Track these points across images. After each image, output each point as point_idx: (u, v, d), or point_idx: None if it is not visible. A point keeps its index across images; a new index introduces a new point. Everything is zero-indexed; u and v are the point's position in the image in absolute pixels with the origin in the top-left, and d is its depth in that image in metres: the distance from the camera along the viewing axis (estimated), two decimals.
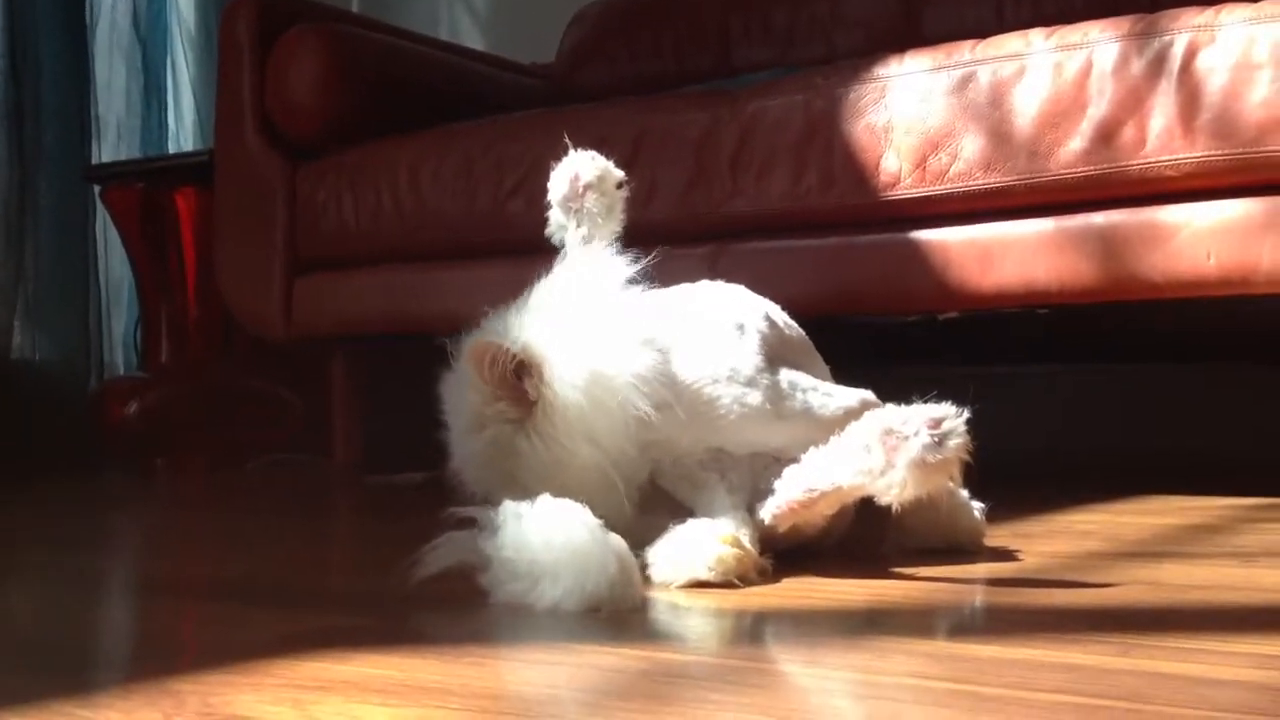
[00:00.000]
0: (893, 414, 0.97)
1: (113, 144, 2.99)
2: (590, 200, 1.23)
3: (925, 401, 0.97)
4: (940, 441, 0.94)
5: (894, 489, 0.95)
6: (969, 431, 0.95)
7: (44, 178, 2.76)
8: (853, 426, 0.99)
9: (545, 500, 0.97)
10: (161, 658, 0.84)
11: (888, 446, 0.95)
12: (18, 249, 2.71)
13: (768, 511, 1.04)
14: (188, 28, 3.16)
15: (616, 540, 0.94)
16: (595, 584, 0.90)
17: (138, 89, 3.04)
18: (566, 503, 0.96)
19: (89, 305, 2.80)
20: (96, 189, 2.72)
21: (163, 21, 3.11)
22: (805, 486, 1.01)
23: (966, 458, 0.96)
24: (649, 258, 1.16)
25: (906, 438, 0.94)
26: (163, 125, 3.09)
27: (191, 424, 2.52)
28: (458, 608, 0.93)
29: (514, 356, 1.06)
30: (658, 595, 0.98)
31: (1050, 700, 0.64)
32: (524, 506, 0.96)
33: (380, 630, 0.89)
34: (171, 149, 3.07)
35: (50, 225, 2.76)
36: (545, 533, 0.93)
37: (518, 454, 1.07)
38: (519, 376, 1.07)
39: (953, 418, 0.95)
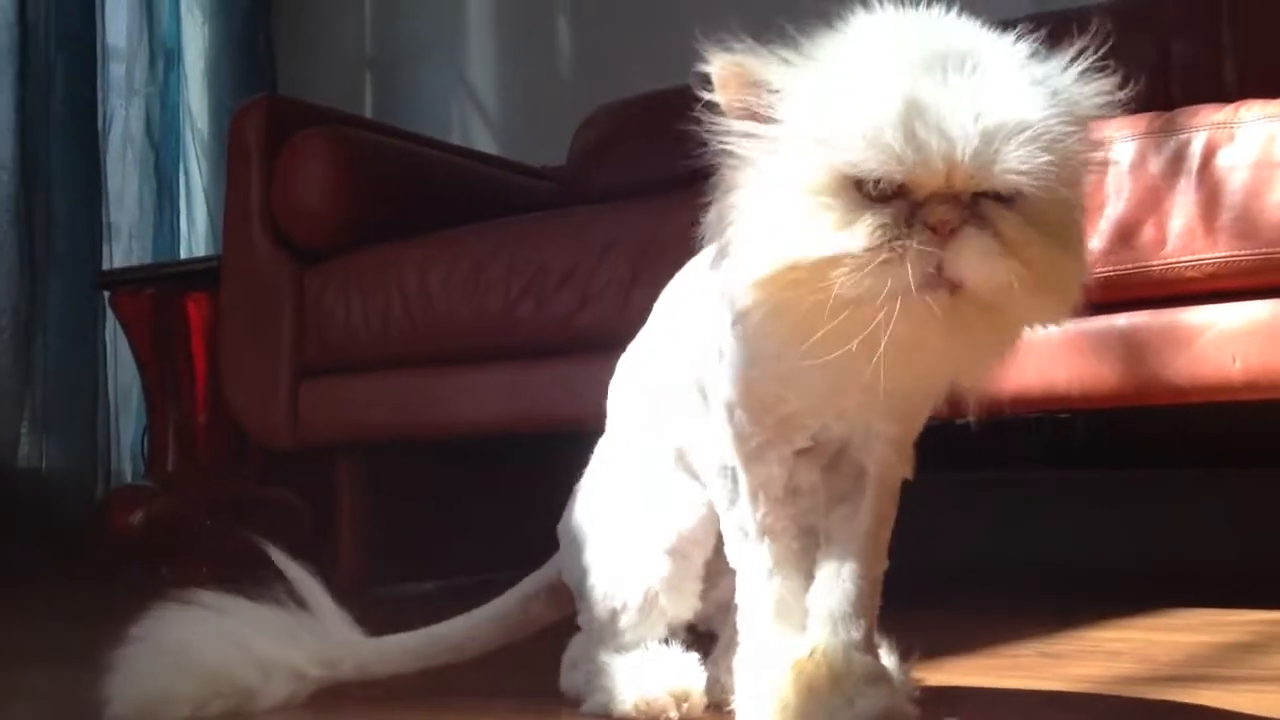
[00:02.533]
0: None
1: (125, 249, 2.99)
2: None
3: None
4: None
5: None
6: None
7: (54, 284, 2.76)
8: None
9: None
10: None
11: None
12: (26, 355, 2.70)
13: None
14: (201, 134, 3.17)
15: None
16: None
17: (150, 194, 3.05)
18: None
19: (97, 413, 2.77)
20: (106, 295, 2.70)
21: (175, 127, 3.13)
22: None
23: None
24: None
25: None
26: (175, 231, 3.09)
27: (197, 533, 2.48)
28: None
29: None
30: None
31: None
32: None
33: None
34: (184, 254, 3.07)
35: (59, 332, 2.74)
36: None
37: None
38: None
39: None
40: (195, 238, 3.12)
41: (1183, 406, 1.54)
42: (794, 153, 0.78)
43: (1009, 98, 0.75)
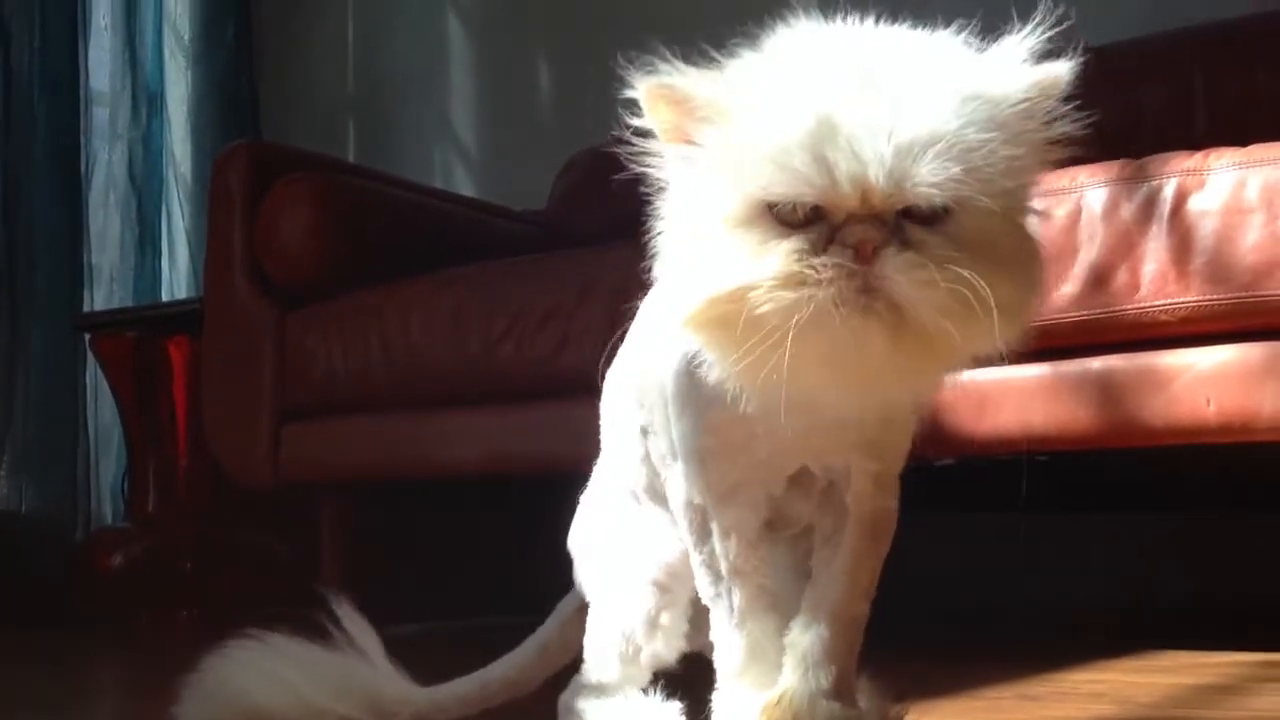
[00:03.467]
0: None
1: (106, 292, 2.99)
2: None
3: None
4: None
5: None
6: None
7: (35, 326, 2.76)
8: None
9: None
10: None
11: None
12: (6, 397, 2.69)
13: None
14: (183, 177, 3.18)
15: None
16: None
17: (132, 237, 3.06)
18: None
19: (77, 455, 2.77)
20: (87, 337, 2.70)
21: (158, 171, 3.13)
22: None
23: None
24: None
25: None
26: (156, 273, 3.09)
27: (178, 576, 2.47)
28: None
29: None
30: None
31: None
32: None
33: None
34: (165, 297, 3.07)
35: (40, 374, 2.74)
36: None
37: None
38: None
39: None
40: (177, 280, 3.13)
41: (1159, 449, 1.55)
42: (711, 178, 0.76)
43: (925, 110, 0.71)
